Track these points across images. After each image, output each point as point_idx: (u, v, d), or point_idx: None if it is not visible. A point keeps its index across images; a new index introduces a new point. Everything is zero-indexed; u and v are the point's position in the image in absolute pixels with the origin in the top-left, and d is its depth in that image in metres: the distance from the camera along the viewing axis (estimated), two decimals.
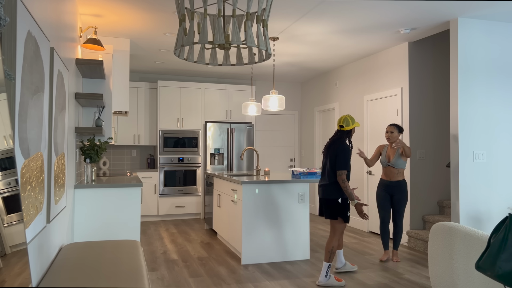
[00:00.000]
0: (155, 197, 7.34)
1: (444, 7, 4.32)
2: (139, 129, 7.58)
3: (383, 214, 4.73)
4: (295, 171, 4.87)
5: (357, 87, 6.73)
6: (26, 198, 1.85)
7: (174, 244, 5.53)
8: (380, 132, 6.14)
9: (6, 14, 1.49)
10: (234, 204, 4.91)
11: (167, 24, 4.96)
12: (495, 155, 4.76)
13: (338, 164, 3.86)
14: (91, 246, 3.03)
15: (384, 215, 4.73)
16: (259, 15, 2.80)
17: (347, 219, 3.96)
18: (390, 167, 4.67)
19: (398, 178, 4.66)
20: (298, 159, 8.87)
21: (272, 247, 4.68)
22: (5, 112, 1.52)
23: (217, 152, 7.64)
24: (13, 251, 1.57)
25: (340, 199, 3.92)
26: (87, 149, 4.13)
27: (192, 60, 3.02)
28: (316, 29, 5.08)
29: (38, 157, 2.12)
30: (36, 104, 2.07)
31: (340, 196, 3.91)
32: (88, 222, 3.85)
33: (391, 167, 4.66)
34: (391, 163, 4.64)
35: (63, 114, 3.00)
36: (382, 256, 4.74)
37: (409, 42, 5.58)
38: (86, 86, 4.49)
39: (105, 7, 4.39)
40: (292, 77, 8.32)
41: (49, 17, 2.51)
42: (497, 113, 4.79)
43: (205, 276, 4.14)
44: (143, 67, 7.39)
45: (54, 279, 2.24)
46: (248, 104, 6.03)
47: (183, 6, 2.76)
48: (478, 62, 4.74)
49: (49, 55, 2.44)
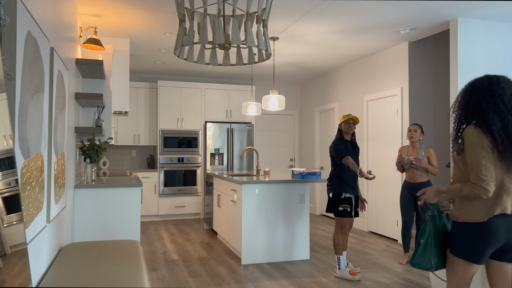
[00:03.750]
0: (155, 197, 7.34)
1: (444, 7, 4.32)
2: (139, 129, 7.58)
3: (406, 217, 4.59)
4: (295, 171, 4.87)
5: (357, 87, 6.73)
6: (26, 198, 1.85)
7: (174, 244, 5.53)
8: (380, 132, 6.14)
9: (6, 14, 1.49)
10: (234, 204, 4.91)
11: (167, 24, 4.96)
12: None
13: (337, 158, 4.12)
14: (91, 246, 3.03)
15: (407, 218, 4.59)
16: (259, 15, 2.80)
17: (341, 214, 4.10)
18: (414, 169, 4.51)
19: (422, 179, 4.49)
20: (298, 159, 8.87)
21: (272, 247, 4.68)
22: (5, 112, 1.52)
23: (217, 152, 7.64)
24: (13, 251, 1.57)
25: (331, 194, 4.16)
26: (87, 149, 4.13)
27: (192, 60, 3.02)
28: (316, 29, 5.08)
29: (38, 157, 2.12)
30: (36, 104, 2.07)
31: (330, 191, 4.16)
32: (88, 222, 3.85)
33: (414, 169, 4.51)
34: (414, 164, 4.48)
35: (63, 114, 3.00)
36: (401, 259, 4.62)
37: (409, 42, 5.58)
38: (86, 86, 4.49)
39: (105, 7, 4.39)
40: (292, 77, 8.32)
41: (49, 17, 2.51)
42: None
43: (205, 276, 4.14)
44: (143, 67, 7.39)
45: (54, 279, 2.24)
46: (248, 104, 6.03)
47: (183, 6, 2.76)
48: (478, 62, 4.74)
49: (49, 55, 2.44)
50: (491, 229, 2.04)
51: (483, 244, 2.05)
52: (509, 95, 2.06)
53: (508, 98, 2.05)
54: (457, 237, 2.15)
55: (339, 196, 4.09)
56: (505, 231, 2.05)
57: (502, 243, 2.07)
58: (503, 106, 2.04)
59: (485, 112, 2.07)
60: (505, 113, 2.03)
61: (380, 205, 6.11)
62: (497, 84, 2.09)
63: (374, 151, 6.28)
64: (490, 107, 2.06)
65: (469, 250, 2.09)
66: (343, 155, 4.04)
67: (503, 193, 2.06)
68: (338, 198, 4.09)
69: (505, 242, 2.07)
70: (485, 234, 2.05)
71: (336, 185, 4.12)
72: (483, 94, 2.09)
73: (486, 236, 2.05)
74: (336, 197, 4.10)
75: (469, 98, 2.14)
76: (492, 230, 2.04)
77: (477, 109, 2.10)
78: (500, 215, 2.06)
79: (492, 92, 2.08)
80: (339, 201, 4.08)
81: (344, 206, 4.06)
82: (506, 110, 2.04)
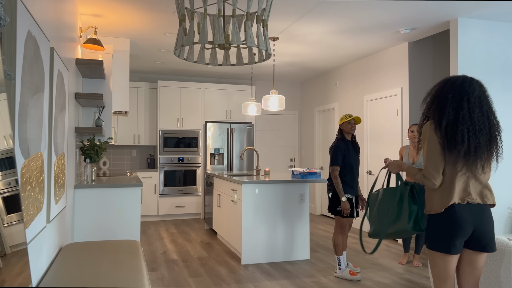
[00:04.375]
0: (155, 197, 7.35)
1: (444, 7, 4.32)
2: (139, 129, 7.58)
3: None
4: (295, 171, 4.87)
5: (357, 87, 6.73)
6: (26, 198, 1.85)
7: (174, 244, 5.53)
8: (380, 132, 6.14)
9: (6, 14, 1.49)
10: (234, 204, 4.91)
11: (167, 24, 4.96)
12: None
13: (330, 160, 4.13)
14: (91, 246, 3.03)
15: None
16: (259, 15, 2.80)
17: (339, 214, 4.10)
18: None
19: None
20: (298, 159, 8.87)
21: (272, 247, 4.68)
22: (5, 112, 1.52)
23: (217, 152, 7.64)
24: (13, 251, 1.57)
25: (330, 194, 4.16)
26: (87, 149, 4.13)
27: (192, 60, 3.02)
28: (316, 29, 5.08)
29: (38, 157, 2.13)
30: (36, 104, 2.07)
31: (330, 191, 4.16)
32: (88, 222, 3.85)
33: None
34: (416, 164, 4.43)
35: (63, 114, 3.00)
36: (401, 259, 4.62)
37: (409, 42, 5.58)
38: (86, 86, 4.49)
39: (105, 7, 4.39)
40: (292, 77, 8.32)
41: (49, 17, 2.51)
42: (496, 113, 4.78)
43: (205, 276, 4.14)
44: (143, 67, 7.39)
45: (54, 279, 2.24)
46: (248, 104, 6.03)
47: (183, 6, 2.76)
48: (478, 62, 4.74)
49: (49, 55, 2.44)
50: (453, 218, 2.15)
51: (449, 234, 2.16)
52: (476, 97, 2.18)
53: (474, 99, 2.17)
54: (428, 231, 2.28)
55: (338, 196, 4.09)
56: (471, 220, 2.15)
57: (470, 232, 2.16)
58: (466, 104, 2.15)
59: (446, 107, 2.18)
60: (465, 109, 2.14)
61: None
62: (469, 84, 2.20)
63: (374, 151, 6.28)
64: (454, 101, 2.17)
65: (439, 241, 2.20)
66: (336, 162, 4.06)
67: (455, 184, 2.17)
68: (337, 198, 4.09)
69: (476, 231, 2.16)
70: (449, 224, 2.16)
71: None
72: (453, 90, 2.20)
73: (450, 225, 2.16)
74: (335, 197, 4.10)
75: (440, 91, 2.25)
76: (454, 219, 2.15)
77: (442, 101, 2.21)
78: (463, 205, 2.16)
79: (461, 89, 2.19)
80: (338, 201, 4.08)
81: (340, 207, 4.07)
82: (467, 107, 2.15)
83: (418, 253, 4.55)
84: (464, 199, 2.17)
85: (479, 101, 2.18)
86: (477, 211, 2.17)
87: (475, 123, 2.14)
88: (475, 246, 2.20)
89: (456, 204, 2.16)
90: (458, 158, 2.16)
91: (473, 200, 2.17)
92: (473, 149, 2.13)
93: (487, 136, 2.17)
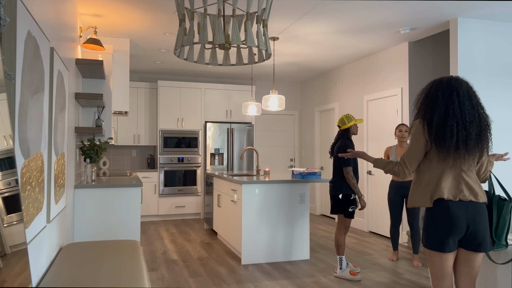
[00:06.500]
0: (155, 197, 7.35)
1: (444, 7, 4.32)
2: (139, 129, 7.58)
3: (395, 218, 4.64)
4: (295, 171, 4.87)
5: (357, 87, 6.73)
6: (26, 198, 1.85)
7: (174, 244, 5.53)
8: (380, 132, 6.14)
9: (6, 14, 1.49)
10: (234, 204, 4.91)
11: (167, 24, 4.96)
12: None
13: (341, 162, 4.05)
14: (91, 246, 3.03)
15: (396, 218, 4.64)
16: (259, 15, 2.80)
17: (349, 215, 4.08)
18: None
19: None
20: (298, 159, 8.87)
21: (272, 247, 4.68)
22: (5, 112, 1.52)
23: (217, 152, 7.64)
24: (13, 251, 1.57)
25: (340, 195, 4.07)
26: (87, 149, 4.13)
27: (192, 60, 3.02)
28: (316, 29, 5.08)
29: (38, 157, 2.13)
30: (36, 104, 2.07)
31: (340, 192, 4.07)
32: (88, 222, 3.85)
33: None
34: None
35: (63, 114, 3.00)
36: (392, 256, 4.72)
37: (409, 42, 5.58)
38: (86, 86, 4.49)
39: (105, 7, 4.39)
40: (292, 77, 8.32)
41: (49, 17, 2.51)
42: (497, 113, 4.79)
43: (205, 276, 4.14)
44: (143, 67, 7.39)
45: (54, 279, 2.24)
46: (248, 104, 6.03)
47: (183, 6, 2.76)
48: (478, 62, 4.74)
49: (49, 55, 2.44)
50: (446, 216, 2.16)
51: (443, 232, 2.18)
52: (465, 91, 2.24)
53: (463, 93, 2.22)
54: (424, 230, 2.29)
55: (349, 197, 4.06)
56: (464, 218, 2.16)
57: (464, 229, 2.17)
58: (456, 98, 2.21)
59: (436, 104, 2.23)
60: (455, 104, 2.19)
61: (380, 205, 6.11)
62: (456, 80, 2.28)
63: (374, 151, 6.28)
64: (444, 97, 2.23)
65: (434, 240, 2.22)
66: (349, 163, 4.02)
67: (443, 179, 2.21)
68: (348, 199, 4.05)
69: (470, 230, 2.17)
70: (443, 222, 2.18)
71: (347, 186, 4.06)
72: (441, 87, 2.27)
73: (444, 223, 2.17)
74: (346, 198, 4.06)
75: (429, 91, 2.33)
76: (448, 217, 2.16)
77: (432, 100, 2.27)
78: (456, 202, 2.18)
79: (450, 85, 2.26)
80: (349, 202, 4.05)
81: (353, 207, 4.09)
82: (457, 101, 2.20)
83: (416, 253, 4.56)
84: (456, 196, 2.19)
85: (468, 95, 2.23)
86: (471, 208, 2.18)
87: (465, 115, 2.18)
88: (468, 246, 2.20)
89: (449, 201, 2.18)
90: (448, 154, 2.19)
91: (465, 197, 2.19)
92: (463, 142, 2.16)
93: (477, 128, 2.20)
